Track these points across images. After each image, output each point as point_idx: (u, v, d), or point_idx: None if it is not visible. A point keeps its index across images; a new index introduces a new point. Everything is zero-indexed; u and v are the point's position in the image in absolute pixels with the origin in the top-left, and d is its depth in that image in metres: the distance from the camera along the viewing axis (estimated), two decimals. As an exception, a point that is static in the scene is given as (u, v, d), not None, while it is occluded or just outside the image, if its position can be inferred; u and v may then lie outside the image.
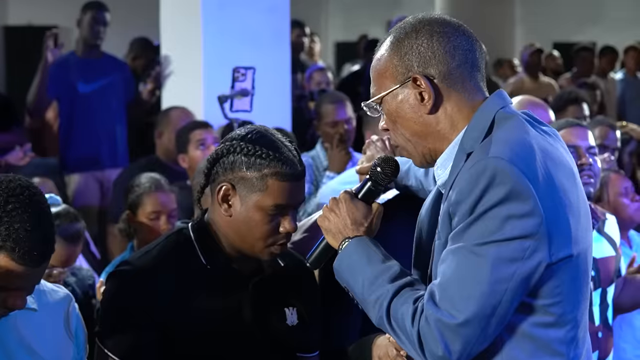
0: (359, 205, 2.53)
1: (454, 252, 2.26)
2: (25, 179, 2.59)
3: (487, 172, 2.22)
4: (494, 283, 2.21)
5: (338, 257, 2.47)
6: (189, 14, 6.41)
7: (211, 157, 2.73)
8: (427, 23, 2.40)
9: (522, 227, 2.21)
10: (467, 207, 2.24)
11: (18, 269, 2.49)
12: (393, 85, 2.41)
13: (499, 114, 2.36)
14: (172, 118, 6.22)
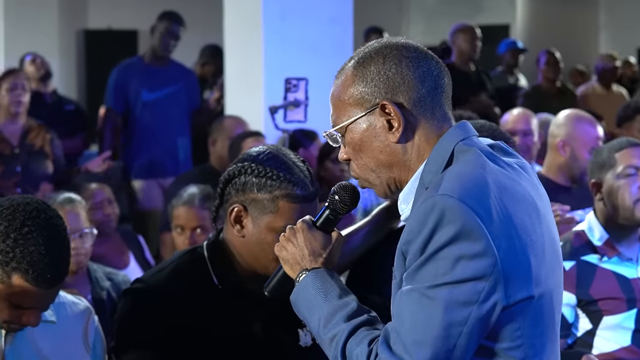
0: (317, 235, 2.40)
1: (406, 294, 2.14)
2: (42, 202, 2.67)
3: (436, 211, 2.10)
4: (448, 327, 2.09)
5: (295, 289, 2.37)
6: (251, 23, 6.46)
7: (224, 178, 2.76)
8: (394, 47, 2.26)
9: (474, 268, 2.08)
10: (417, 246, 2.12)
11: (32, 289, 2.58)
12: (358, 113, 2.27)
13: (457, 146, 2.23)
14: (226, 127, 6.29)
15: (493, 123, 3.69)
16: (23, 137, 6.34)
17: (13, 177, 5.78)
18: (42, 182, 6.12)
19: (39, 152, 6.33)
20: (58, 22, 13.02)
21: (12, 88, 6.38)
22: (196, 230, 4.73)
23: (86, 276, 4.39)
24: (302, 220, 2.44)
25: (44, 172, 6.22)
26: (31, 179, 6.10)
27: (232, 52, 6.72)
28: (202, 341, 2.69)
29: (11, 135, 6.28)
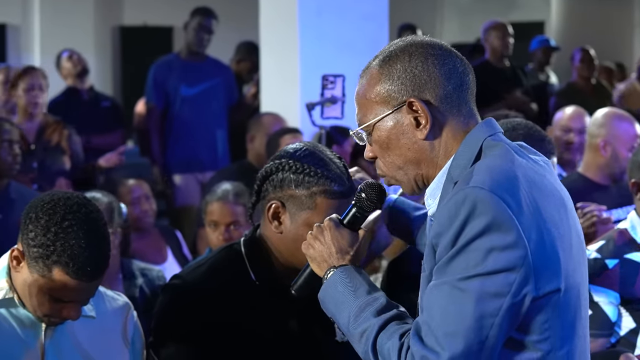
0: (344, 233, 2.43)
1: (437, 286, 2.16)
2: (83, 197, 2.71)
3: (467, 203, 2.12)
4: (480, 318, 2.11)
5: (323, 287, 2.39)
6: (287, 20, 6.48)
7: (261, 175, 2.78)
8: (419, 45, 2.29)
9: (506, 259, 2.11)
10: (449, 239, 2.14)
11: (72, 283, 2.61)
12: (385, 111, 2.28)
13: (486, 141, 2.25)
14: (264, 123, 6.32)
15: (529, 121, 3.68)
16: (40, 133, 6.38)
17: (29, 173, 5.81)
18: (58, 177, 6.16)
19: (55, 148, 6.37)
20: (94, 19, 13.10)
21: (29, 89, 6.42)
22: (230, 226, 4.76)
23: (119, 273, 4.42)
24: (329, 218, 2.47)
25: (60, 167, 6.26)
26: (47, 174, 6.14)
27: (268, 49, 6.74)
28: (239, 337, 2.71)
29: (28, 132, 6.32)
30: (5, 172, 5.40)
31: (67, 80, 8.11)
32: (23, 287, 2.71)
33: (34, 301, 2.69)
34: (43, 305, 2.68)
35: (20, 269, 2.71)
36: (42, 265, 2.62)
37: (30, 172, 5.82)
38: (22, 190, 5.52)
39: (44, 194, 2.75)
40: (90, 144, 7.42)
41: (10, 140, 5.41)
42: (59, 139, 6.50)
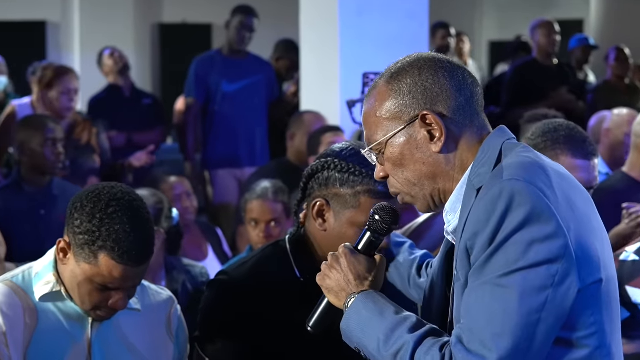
0: (361, 259, 2.35)
1: (476, 289, 2.09)
2: (126, 187, 2.77)
3: (504, 195, 2.07)
4: (526, 315, 2.04)
5: (345, 316, 2.28)
6: (327, 19, 6.50)
7: (307, 173, 2.81)
8: (428, 59, 2.26)
9: (547, 250, 2.05)
10: (486, 237, 2.08)
11: (118, 268, 2.66)
12: (397, 127, 2.24)
13: (504, 145, 2.22)
14: (305, 121, 6.33)
15: (571, 122, 3.67)
16: (69, 131, 6.42)
17: (62, 170, 5.86)
18: (89, 176, 6.20)
19: (85, 147, 6.41)
20: (133, 16, 13.18)
21: (65, 92, 6.46)
22: (270, 223, 4.79)
23: (162, 269, 4.46)
24: (343, 246, 2.40)
25: (92, 166, 6.30)
26: (79, 173, 6.18)
27: (309, 48, 6.75)
28: (283, 332, 2.73)
29: None
30: (49, 170, 5.46)
31: (109, 78, 8.17)
32: (70, 279, 2.75)
33: (82, 292, 2.73)
34: (90, 295, 2.72)
35: (67, 261, 2.75)
36: (88, 252, 2.67)
37: (63, 170, 5.87)
38: (65, 186, 5.58)
39: (89, 186, 2.80)
40: (132, 141, 7.47)
41: (54, 139, 5.46)
42: (89, 137, 6.55)
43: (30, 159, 5.44)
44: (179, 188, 5.43)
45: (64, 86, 6.45)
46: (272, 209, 4.80)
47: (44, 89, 6.44)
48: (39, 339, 2.77)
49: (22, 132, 5.57)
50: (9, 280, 2.84)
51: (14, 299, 2.78)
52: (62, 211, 5.31)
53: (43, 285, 2.81)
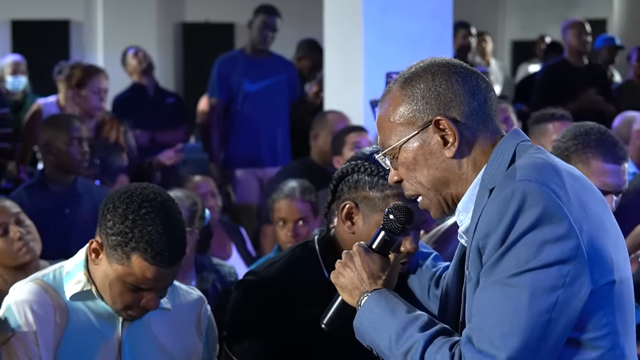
0: (375, 257, 2.38)
1: (487, 288, 2.10)
2: (158, 187, 2.78)
3: (517, 196, 2.08)
4: (536, 315, 2.05)
5: (358, 314, 2.31)
6: (351, 18, 6.50)
7: (337, 175, 2.81)
8: (441, 65, 2.27)
9: (559, 251, 2.05)
10: (498, 237, 2.09)
11: (150, 269, 2.68)
12: (411, 132, 2.26)
13: (519, 146, 2.23)
14: (329, 121, 6.33)
15: (602, 126, 3.64)
16: (97, 130, 6.45)
17: (92, 169, 5.89)
18: (119, 174, 6.23)
19: (114, 145, 6.43)
20: (156, 15, 13.21)
21: (95, 91, 6.48)
22: (298, 222, 4.81)
23: (193, 269, 4.48)
24: (357, 244, 2.42)
25: (121, 164, 6.32)
26: (109, 171, 6.21)
27: (332, 47, 6.75)
28: (311, 333, 2.73)
29: None
30: (74, 169, 5.49)
31: (133, 77, 8.19)
32: (102, 279, 2.77)
33: (114, 292, 2.75)
34: (122, 295, 2.74)
35: (99, 261, 2.77)
36: (120, 253, 2.68)
37: (93, 168, 5.90)
38: (89, 185, 5.61)
39: (120, 186, 2.81)
40: (155, 140, 7.49)
41: (79, 138, 5.49)
42: (117, 135, 6.57)
43: (55, 158, 5.47)
44: (204, 187, 5.45)
45: (95, 85, 6.47)
46: (299, 208, 4.82)
47: (74, 88, 6.46)
48: (70, 338, 2.80)
49: (47, 131, 5.60)
50: (40, 279, 2.86)
51: (44, 297, 2.81)
52: (87, 210, 5.39)
53: (74, 284, 2.82)
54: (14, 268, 4.01)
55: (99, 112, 6.49)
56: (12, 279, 3.88)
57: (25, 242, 4.01)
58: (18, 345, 2.76)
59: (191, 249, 4.42)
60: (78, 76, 6.45)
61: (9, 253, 4.00)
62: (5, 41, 12.96)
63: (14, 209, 4.10)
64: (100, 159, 6.04)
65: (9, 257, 4.00)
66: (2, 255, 4.00)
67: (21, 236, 4.00)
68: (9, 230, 4.00)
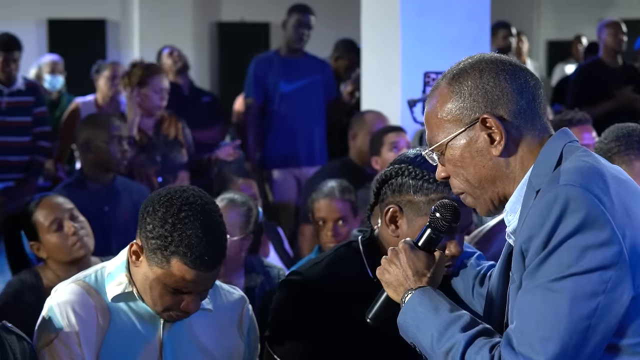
0: (420, 255, 2.40)
1: (528, 291, 2.10)
2: (198, 190, 2.77)
3: (559, 201, 2.07)
4: (576, 321, 2.04)
5: (402, 310, 2.33)
6: (389, 19, 6.49)
7: (380, 178, 2.79)
8: (489, 61, 2.26)
9: (601, 257, 2.04)
10: (540, 240, 2.08)
11: (190, 273, 2.66)
12: (458, 129, 2.25)
13: (566, 147, 2.22)
14: (367, 121, 6.34)
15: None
16: (157, 127, 6.46)
17: (154, 165, 5.93)
18: (179, 170, 6.25)
19: (174, 142, 6.44)
20: (192, 15, 13.23)
21: (157, 91, 6.49)
22: (338, 222, 4.82)
23: (242, 269, 4.50)
24: (403, 241, 2.44)
25: (181, 161, 6.34)
26: (170, 168, 6.23)
27: (370, 48, 6.75)
28: (355, 333, 2.73)
29: (146, 126, 6.41)
30: (114, 167, 5.51)
31: (168, 76, 8.21)
32: (143, 281, 2.77)
33: (154, 295, 2.74)
34: (163, 298, 2.73)
35: (139, 264, 2.76)
36: (160, 257, 2.67)
37: (154, 164, 5.94)
38: (127, 183, 5.63)
39: (160, 189, 2.80)
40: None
41: (119, 136, 5.51)
42: (176, 132, 6.58)
43: (95, 156, 5.49)
44: (247, 190, 5.48)
45: (156, 85, 6.47)
46: (339, 207, 4.82)
47: (135, 87, 6.47)
48: (112, 339, 2.80)
49: (87, 129, 5.62)
50: (82, 280, 2.86)
51: (87, 299, 2.81)
52: (125, 208, 5.41)
53: (115, 285, 2.83)
54: (68, 263, 4.04)
55: (159, 111, 6.50)
56: (66, 274, 3.90)
57: (80, 237, 4.05)
58: (61, 346, 2.76)
59: (244, 252, 4.44)
60: (139, 75, 6.45)
61: (64, 248, 4.03)
62: (42, 40, 13.03)
63: (67, 204, 4.14)
64: (161, 156, 6.08)
65: (63, 252, 4.04)
66: (56, 251, 4.04)
67: (75, 231, 4.04)
68: (63, 226, 4.04)
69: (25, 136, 7.42)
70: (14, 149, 7.38)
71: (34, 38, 12.61)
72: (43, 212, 4.07)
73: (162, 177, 5.95)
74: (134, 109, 6.35)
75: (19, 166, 7.40)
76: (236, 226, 4.36)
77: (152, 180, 6.08)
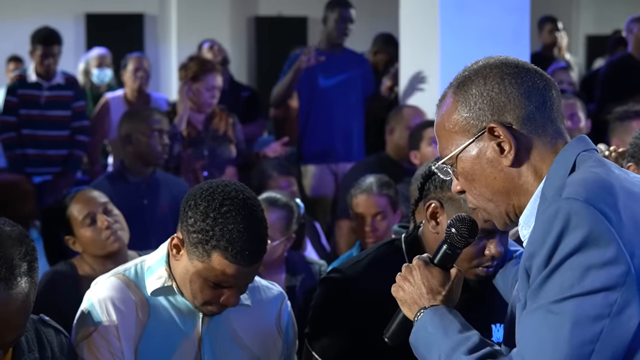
0: (435, 272, 2.30)
1: (530, 313, 1.98)
2: (240, 184, 2.76)
3: (560, 216, 1.93)
4: (578, 346, 1.91)
5: (413, 329, 2.25)
6: (427, 13, 6.46)
7: (424, 173, 2.79)
8: (493, 66, 2.13)
9: (605, 277, 1.90)
10: (542, 258, 1.95)
11: (231, 267, 2.66)
12: (466, 140, 2.12)
13: (580, 156, 2.07)
14: (404, 116, 6.32)
15: None
16: (207, 121, 6.46)
17: (201, 159, 5.94)
18: (227, 165, 6.26)
19: (223, 137, 6.44)
20: (230, 9, 13.27)
21: (209, 88, 6.48)
22: (376, 217, 4.81)
23: (283, 265, 4.49)
24: (417, 258, 2.35)
25: (229, 156, 6.36)
26: (217, 162, 6.25)
27: (408, 43, 6.73)
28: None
29: (196, 120, 6.41)
30: (154, 160, 5.54)
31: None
32: (183, 275, 2.76)
33: (194, 288, 2.74)
34: (202, 292, 2.73)
35: (180, 257, 2.76)
36: (201, 251, 2.67)
37: (201, 159, 5.95)
38: (167, 177, 5.66)
39: (202, 183, 2.80)
40: None
41: (160, 130, 5.53)
42: (226, 127, 6.58)
43: (135, 150, 5.52)
44: (287, 187, 5.48)
45: (209, 82, 6.46)
46: (377, 202, 4.82)
47: (188, 81, 6.47)
48: (151, 333, 2.80)
49: (128, 123, 5.65)
50: (122, 273, 2.87)
51: (126, 293, 2.81)
52: (165, 201, 5.43)
53: (155, 279, 2.83)
54: (103, 257, 4.04)
55: (209, 109, 6.49)
56: (101, 268, 3.92)
57: (113, 231, 4.05)
58: (100, 340, 2.77)
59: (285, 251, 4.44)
60: (194, 70, 6.46)
61: (98, 242, 4.04)
62: (80, 35, 13.11)
63: (101, 198, 4.15)
64: (209, 150, 6.09)
65: (97, 246, 4.04)
66: (91, 245, 4.05)
67: (109, 225, 4.04)
68: (97, 220, 4.05)
69: (64, 130, 7.47)
70: (53, 142, 7.44)
71: (72, 33, 12.69)
72: (77, 206, 4.07)
73: (209, 171, 5.96)
74: (185, 103, 6.36)
75: (57, 160, 7.46)
76: (277, 230, 4.34)
77: (198, 175, 6.09)
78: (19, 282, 2.43)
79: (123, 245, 4.08)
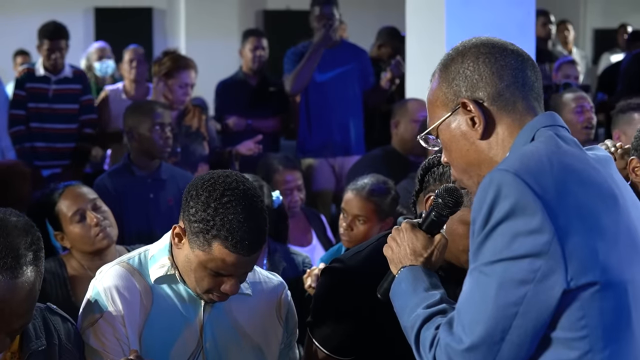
0: (419, 236, 2.44)
1: (470, 273, 2.14)
2: (241, 175, 2.81)
3: (493, 186, 2.08)
4: (502, 306, 2.05)
5: (392, 285, 2.42)
6: (434, 7, 6.48)
7: (424, 165, 2.82)
8: (473, 46, 2.31)
9: (531, 244, 2.03)
10: (479, 224, 2.10)
11: (231, 256, 2.72)
12: (445, 114, 2.30)
13: (539, 132, 2.22)
14: (410, 109, 6.33)
15: None
16: (180, 118, 6.49)
17: (173, 157, 5.95)
18: (199, 162, 6.28)
19: (196, 134, 6.47)
20: (238, 3, 13.29)
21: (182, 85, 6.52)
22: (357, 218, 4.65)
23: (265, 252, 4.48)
24: (406, 221, 2.50)
25: (202, 152, 6.36)
26: (190, 159, 6.26)
27: (414, 36, 6.74)
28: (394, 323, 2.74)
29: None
30: (158, 154, 5.56)
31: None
32: (184, 263, 2.82)
33: (196, 276, 2.80)
34: (203, 280, 2.79)
35: (181, 246, 2.82)
36: (202, 240, 2.72)
37: (173, 156, 5.96)
38: (173, 170, 5.68)
39: (204, 173, 2.85)
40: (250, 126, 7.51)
41: (162, 124, 5.56)
42: (199, 124, 6.62)
43: (139, 144, 5.55)
44: (292, 182, 5.50)
45: (182, 79, 6.50)
46: (361, 206, 4.64)
47: (162, 77, 6.51)
48: (154, 319, 2.85)
49: (131, 117, 5.68)
50: (126, 262, 2.92)
51: (131, 280, 2.87)
52: (170, 195, 5.46)
53: (158, 268, 2.88)
54: (91, 253, 4.09)
55: (181, 106, 6.53)
56: (90, 264, 3.99)
57: (102, 228, 4.07)
58: (106, 326, 2.82)
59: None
60: (167, 66, 6.50)
61: (87, 239, 4.07)
62: (89, 28, 13.15)
63: (90, 195, 4.18)
64: (182, 147, 6.10)
65: (86, 242, 4.07)
66: (80, 241, 4.08)
67: (98, 222, 4.06)
68: (86, 217, 4.08)
69: (72, 123, 7.51)
70: (61, 136, 7.48)
71: (81, 26, 12.74)
72: (66, 202, 4.10)
73: (181, 168, 5.97)
74: (157, 99, 6.39)
75: (65, 153, 7.50)
76: None
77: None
78: (25, 271, 2.49)
79: (112, 242, 4.12)
